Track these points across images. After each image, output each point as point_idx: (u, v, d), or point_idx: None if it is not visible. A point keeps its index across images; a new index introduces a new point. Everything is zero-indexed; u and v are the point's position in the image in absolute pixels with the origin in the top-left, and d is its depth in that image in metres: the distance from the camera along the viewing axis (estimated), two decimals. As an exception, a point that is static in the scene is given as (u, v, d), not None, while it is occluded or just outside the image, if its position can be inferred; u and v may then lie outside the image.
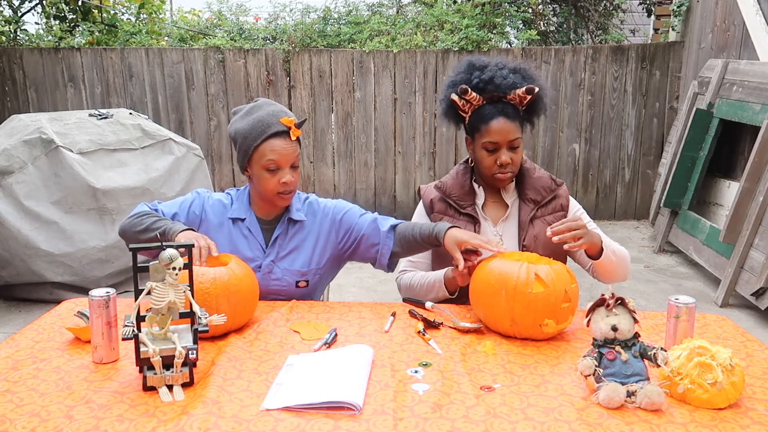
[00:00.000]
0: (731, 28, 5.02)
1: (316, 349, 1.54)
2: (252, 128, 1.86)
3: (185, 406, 1.27)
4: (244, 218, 1.95)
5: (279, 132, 1.85)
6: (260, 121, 1.86)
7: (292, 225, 1.97)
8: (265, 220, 1.98)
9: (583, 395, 1.32)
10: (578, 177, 6.25)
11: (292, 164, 1.88)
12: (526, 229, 1.96)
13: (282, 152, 1.85)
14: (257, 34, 6.38)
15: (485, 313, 1.65)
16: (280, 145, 1.85)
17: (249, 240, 1.95)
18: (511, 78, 1.91)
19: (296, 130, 1.87)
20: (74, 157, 3.91)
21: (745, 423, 1.22)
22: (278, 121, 1.85)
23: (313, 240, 1.98)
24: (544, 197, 2.00)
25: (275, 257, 1.95)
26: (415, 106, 6.11)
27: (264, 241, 1.96)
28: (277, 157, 1.84)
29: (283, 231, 1.96)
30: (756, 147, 3.97)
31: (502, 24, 6.33)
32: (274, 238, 1.95)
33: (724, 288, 4.09)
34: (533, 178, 2.03)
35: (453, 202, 2.02)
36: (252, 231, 1.95)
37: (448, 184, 2.05)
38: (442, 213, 2.03)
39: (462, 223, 1.98)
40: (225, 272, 1.63)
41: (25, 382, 1.37)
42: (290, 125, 1.86)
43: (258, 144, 1.85)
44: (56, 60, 6.08)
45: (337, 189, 6.32)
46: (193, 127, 6.22)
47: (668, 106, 6.08)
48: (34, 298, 3.96)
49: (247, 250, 1.93)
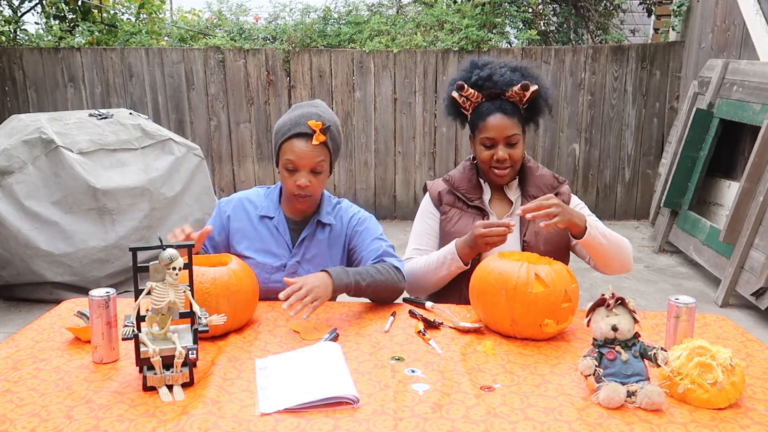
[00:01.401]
0: (731, 28, 5.01)
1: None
2: (283, 125, 1.88)
3: (185, 406, 1.27)
4: (273, 216, 1.96)
5: (302, 133, 1.84)
6: (291, 120, 1.87)
7: (320, 228, 1.97)
8: (293, 220, 1.98)
9: (583, 395, 1.32)
10: (578, 177, 6.25)
11: (312, 169, 1.85)
12: (527, 224, 1.96)
13: (300, 154, 1.83)
14: (257, 34, 6.38)
15: (485, 313, 1.65)
16: (300, 147, 1.83)
17: (276, 239, 1.95)
18: (509, 75, 1.92)
19: (320, 135, 1.83)
20: (74, 157, 3.91)
21: (745, 423, 1.22)
22: (305, 123, 1.84)
23: (335, 245, 1.99)
24: (546, 194, 2.00)
25: (300, 258, 1.95)
26: (415, 106, 6.11)
27: (291, 241, 1.96)
28: (295, 158, 1.84)
29: (310, 233, 1.96)
30: (756, 147, 3.97)
31: (502, 24, 6.33)
32: (301, 239, 1.95)
33: (724, 288, 4.09)
34: (536, 176, 2.04)
35: (461, 195, 2.03)
36: (280, 230, 1.96)
37: (456, 177, 2.07)
38: (450, 205, 2.03)
39: (470, 215, 1.99)
40: (225, 272, 1.63)
41: (25, 382, 1.37)
42: (316, 129, 1.83)
43: (282, 141, 1.87)
44: (56, 60, 6.09)
45: (337, 189, 6.32)
46: (193, 127, 6.22)
47: (668, 106, 6.08)
48: (34, 298, 3.96)
49: (275, 247, 1.94)
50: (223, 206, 2.01)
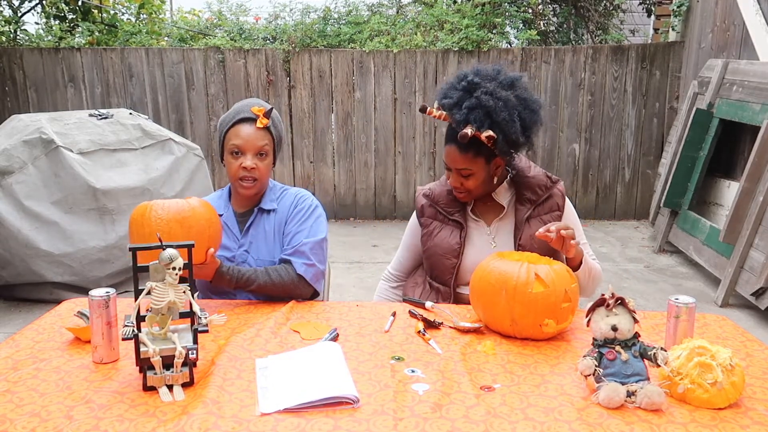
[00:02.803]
0: (731, 28, 5.02)
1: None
2: (226, 116, 1.96)
3: (185, 406, 1.27)
4: (222, 213, 1.99)
5: (246, 118, 1.91)
6: (234, 110, 1.95)
7: (264, 215, 2.00)
8: (240, 213, 2.02)
9: (583, 395, 1.32)
10: (578, 177, 6.25)
11: (257, 151, 1.90)
12: (522, 228, 1.96)
13: (246, 137, 1.89)
14: (257, 34, 6.38)
15: (485, 313, 1.65)
16: (245, 130, 1.90)
17: (227, 233, 1.98)
18: (464, 114, 1.82)
19: (264, 118, 1.90)
20: (74, 157, 3.91)
21: (745, 423, 1.22)
22: (248, 110, 1.92)
23: (279, 231, 1.99)
24: (540, 196, 1.99)
25: (248, 247, 1.98)
26: (415, 106, 6.11)
27: (239, 233, 1.99)
28: (240, 142, 1.89)
29: (254, 221, 1.99)
30: (756, 147, 3.97)
31: (502, 24, 6.33)
32: (246, 227, 1.98)
33: (724, 288, 4.09)
34: (528, 177, 2.01)
35: (441, 209, 2.03)
36: (229, 224, 1.99)
37: (436, 192, 2.07)
38: (432, 218, 2.05)
39: (450, 228, 2.00)
40: (179, 203, 1.68)
41: (25, 382, 1.37)
42: (259, 113, 1.90)
43: (227, 130, 1.93)
44: (56, 60, 6.09)
45: (337, 189, 6.32)
46: (193, 127, 6.23)
47: (668, 106, 6.08)
48: (34, 298, 3.96)
49: (226, 241, 1.97)
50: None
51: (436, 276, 2.02)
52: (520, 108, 1.84)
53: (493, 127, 1.80)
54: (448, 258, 1.97)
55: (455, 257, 1.96)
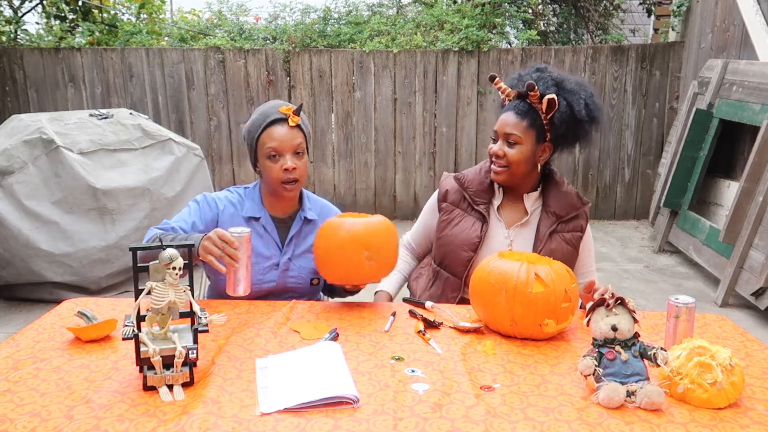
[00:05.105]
0: (731, 28, 5.02)
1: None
2: (254, 122, 1.92)
3: (185, 405, 1.27)
4: (259, 217, 1.96)
5: (277, 120, 1.88)
6: (260, 114, 1.92)
7: (306, 224, 1.99)
8: (279, 219, 1.99)
9: (583, 395, 1.32)
10: (578, 177, 6.25)
11: (294, 150, 1.88)
12: (544, 241, 1.93)
13: (281, 138, 1.87)
14: (257, 34, 6.39)
15: (485, 313, 1.66)
16: (280, 131, 1.87)
17: (264, 239, 1.95)
18: (534, 78, 1.88)
19: (294, 116, 1.88)
20: (74, 157, 3.91)
21: (744, 423, 1.22)
22: (277, 111, 1.89)
23: None
24: (567, 213, 1.96)
25: (291, 255, 1.96)
26: (415, 106, 6.11)
27: (279, 240, 1.97)
28: (276, 144, 1.86)
29: (298, 230, 1.98)
30: (756, 147, 3.97)
31: (502, 24, 6.33)
32: (290, 236, 1.97)
33: (723, 288, 4.09)
34: (561, 192, 1.98)
35: (468, 196, 1.99)
36: (267, 229, 1.96)
37: (468, 177, 2.03)
38: (454, 205, 2.01)
39: (471, 219, 1.97)
40: (361, 222, 1.81)
41: (25, 382, 1.37)
42: (288, 113, 1.88)
43: (259, 134, 1.89)
44: (56, 60, 6.09)
45: (337, 189, 6.32)
46: (193, 127, 6.23)
47: (668, 106, 6.08)
48: (34, 298, 3.96)
49: (264, 248, 1.94)
50: (213, 198, 1.98)
51: (447, 266, 1.99)
52: (586, 95, 1.89)
53: (559, 96, 1.84)
54: (465, 250, 1.94)
55: (473, 251, 1.93)
